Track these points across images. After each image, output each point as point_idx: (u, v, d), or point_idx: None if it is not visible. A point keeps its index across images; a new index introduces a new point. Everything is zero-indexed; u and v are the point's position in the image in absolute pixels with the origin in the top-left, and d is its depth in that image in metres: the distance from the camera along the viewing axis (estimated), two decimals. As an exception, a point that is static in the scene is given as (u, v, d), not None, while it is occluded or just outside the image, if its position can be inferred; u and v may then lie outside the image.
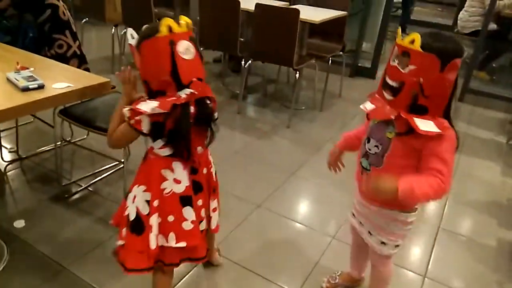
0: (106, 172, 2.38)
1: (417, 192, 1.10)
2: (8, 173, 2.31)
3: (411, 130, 1.11)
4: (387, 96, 1.15)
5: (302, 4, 3.76)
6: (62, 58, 2.00)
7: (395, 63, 1.11)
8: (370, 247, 1.41)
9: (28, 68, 1.42)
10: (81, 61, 2.12)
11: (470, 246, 2.07)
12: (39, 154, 2.50)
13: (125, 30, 3.81)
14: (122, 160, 2.43)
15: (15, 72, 1.38)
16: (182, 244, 1.26)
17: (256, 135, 3.03)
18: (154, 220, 1.24)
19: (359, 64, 4.50)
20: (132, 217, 1.27)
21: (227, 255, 1.83)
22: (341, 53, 3.61)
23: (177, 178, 1.25)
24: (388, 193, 1.12)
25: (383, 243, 1.36)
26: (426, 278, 1.82)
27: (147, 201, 1.25)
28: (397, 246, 1.37)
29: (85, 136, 2.59)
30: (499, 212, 2.37)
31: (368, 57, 4.52)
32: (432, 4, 9.24)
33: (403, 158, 1.20)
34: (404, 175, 1.14)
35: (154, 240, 1.24)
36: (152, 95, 1.17)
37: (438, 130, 1.09)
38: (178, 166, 1.25)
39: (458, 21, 4.76)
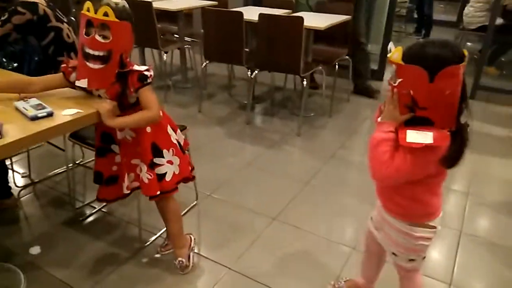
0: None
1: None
2: (21, 199, 2.30)
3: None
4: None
5: (305, 11, 3.75)
6: None
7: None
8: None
9: (29, 98, 1.41)
10: None
11: (494, 250, 2.01)
12: (51, 178, 2.50)
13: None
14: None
15: (23, 101, 1.37)
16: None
17: (266, 145, 3.00)
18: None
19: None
20: None
21: (245, 271, 1.80)
22: (347, 57, 3.58)
23: None
24: None
25: (393, 253, 1.33)
26: (450, 287, 1.77)
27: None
28: (412, 260, 1.31)
29: (96, 157, 2.58)
30: (521, 212, 2.31)
31: (375, 59, 4.48)
32: (434, 1, 9.17)
33: None
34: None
35: None
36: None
37: (428, 142, 1.04)
38: None
39: (464, 17, 4.71)
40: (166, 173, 1.62)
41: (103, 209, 2.22)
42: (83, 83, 1.43)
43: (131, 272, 1.80)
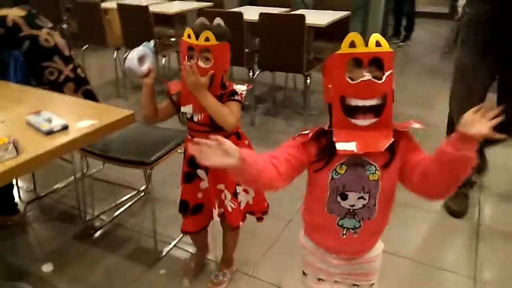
0: (128, 202, 2.31)
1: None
2: (28, 214, 2.24)
3: (393, 151, 0.95)
4: (365, 122, 0.91)
5: (302, 9, 3.72)
6: (56, 85, 1.90)
7: (368, 77, 0.87)
8: None
9: (40, 111, 1.35)
10: (78, 84, 2.00)
11: (514, 241, 1.99)
12: (57, 191, 2.44)
13: (127, 53, 3.77)
14: (142, 189, 2.39)
15: (35, 115, 1.31)
16: None
17: (274, 146, 2.94)
18: None
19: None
20: None
21: (265, 277, 1.76)
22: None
23: None
24: None
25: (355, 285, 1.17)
26: (476, 281, 1.74)
27: None
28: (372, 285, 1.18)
29: (101, 167, 2.52)
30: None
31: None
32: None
33: (392, 192, 1.02)
34: (390, 209, 1.03)
35: None
36: None
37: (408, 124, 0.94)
38: None
39: (459, 8, 4.70)
40: (241, 202, 1.56)
41: (113, 221, 2.17)
42: (188, 108, 1.39)
43: (150, 286, 1.75)
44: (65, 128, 1.25)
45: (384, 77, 0.87)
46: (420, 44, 5.89)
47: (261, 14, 2.87)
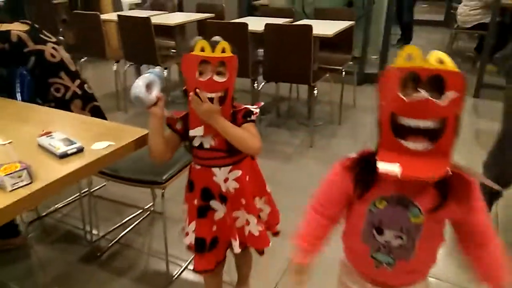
0: (135, 221, 2.22)
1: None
2: (30, 235, 2.13)
3: (445, 196, 0.85)
4: (417, 145, 0.79)
5: (304, 19, 3.68)
6: (62, 102, 1.82)
7: (425, 95, 0.76)
8: None
9: (51, 132, 1.26)
10: (85, 101, 1.92)
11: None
12: (58, 210, 2.33)
13: (128, 65, 3.71)
14: (147, 207, 2.29)
15: (47, 136, 1.23)
16: None
17: (281, 159, 2.89)
18: None
19: (365, 71, 4.41)
20: None
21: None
22: (351, 63, 3.51)
23: None
24: None
25: None
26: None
27: None
28: None
29: (105, 183, 2.43)
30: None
31: (373, 62, 4.43)
32: (417, 1, 9.26)
33: (436, 239, 0.94)
34: (436, 255, 0.96)
35: None
36: None
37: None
38: None
39: (458, 16, 4.71)
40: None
41: (120, 241, 2.07)
42: (198, 131, 1.23)
43: (164, 311, 1.66)
44: (80, 150, 1.17)
45: (444, 98, 0.75)
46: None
47: (267, 25, 2.82)
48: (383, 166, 0.78)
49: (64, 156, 1.14)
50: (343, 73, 3.34)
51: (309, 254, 1.02)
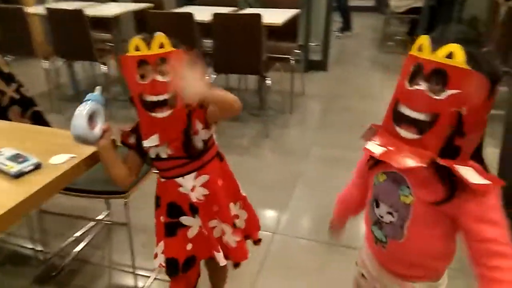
0: (90, 233, 2.04)
1: None
2: (-32, 262, 1.89)
3: (449, 196, 0.82)
4: (407, 134, 0.80)
5: (248, 8, 3.61)
6: None
7: (422, 87, 0.77)
8: None
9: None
10: (24, 107, 1.72)
11: None
12: (0, 229, 2.08)
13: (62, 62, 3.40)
14: (102, 217, 2.10)
15: (-6, 154, 1.05)
16: None
17: (238, 152, 2.82)
18: None
19: (310, 58, 4.45)
20: None
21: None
22: (298, 51, 3.52)
23: None
24: None
25: None
26: None
27: None
28: None
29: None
30: None
31: (316, 50, 4.49)
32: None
33: (430, 227, 0.89)
34: (433, 246, 0.92)
35: None
36: None
37: (487, 182, 0.79)
38: None
39: (392, 2, 4.91)
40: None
41: (77, 257, 1.90)
42: (152, 140, 1.08)
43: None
44: (38, 167, 1.01)
45: (443, 95, 0.74)
46: (356, 37, 6.10)
47: (216, 15, 2.71)
48: (368, 146, 0.86)
49: (19, 175, 0.98)
50: (292, 61, 3.33)
51: (341, 218, 1.22)
